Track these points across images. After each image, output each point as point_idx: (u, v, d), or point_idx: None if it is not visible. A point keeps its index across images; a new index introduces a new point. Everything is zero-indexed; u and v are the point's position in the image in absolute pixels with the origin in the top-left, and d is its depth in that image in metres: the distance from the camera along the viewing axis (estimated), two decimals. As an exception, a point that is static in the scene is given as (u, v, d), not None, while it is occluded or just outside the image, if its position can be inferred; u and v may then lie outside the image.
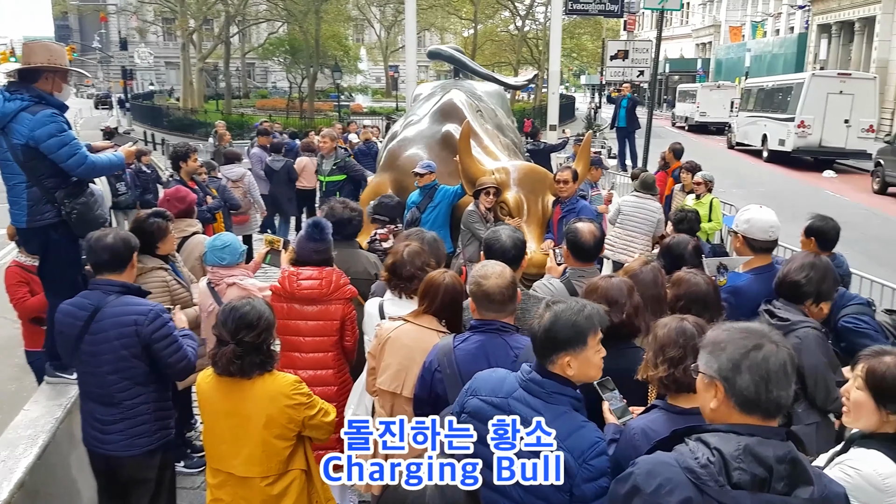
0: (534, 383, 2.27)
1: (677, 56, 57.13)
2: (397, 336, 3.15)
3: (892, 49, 28.47)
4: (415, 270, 3.45)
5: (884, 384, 2.10)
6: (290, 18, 32.86)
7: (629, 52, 13.61)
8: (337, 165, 8.96)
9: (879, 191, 17.17)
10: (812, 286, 3.11)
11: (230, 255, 4.21)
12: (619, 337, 2.69)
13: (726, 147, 27.40)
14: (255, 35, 47.47)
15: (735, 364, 1.73)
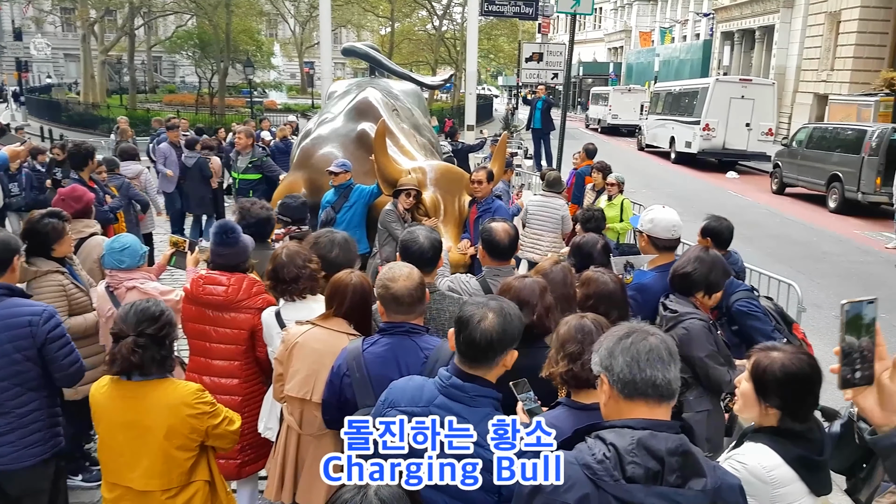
0: (455, 388, 2.23)
1: (590, 59, 58.75)
2: (305, 341, 3.05)
3: (790, 56, 30.22)
4: (297, 270, 3.35)
5: (764, 377, 2.18)
6: (198, 11, 31.70)
7: (543, 54, 13.84)
8: (252, 164, 8.73)
9: (778, 191, 18.15)
10: (700, 278, 3.31)
11: (129, 258, 4.02)
12: (531, 337, 2.71)
13: (637, 149, 28.36)
14: (163, 27, 45.66)
15: (610, 352, 1.83)
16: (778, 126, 24.59)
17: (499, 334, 2.22)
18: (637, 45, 48.84)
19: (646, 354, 1.79)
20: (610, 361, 1.83)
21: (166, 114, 28.60)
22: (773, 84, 23.47)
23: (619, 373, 1.80)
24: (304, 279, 3.35)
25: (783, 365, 2.17)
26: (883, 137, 14.51)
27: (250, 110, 30.05)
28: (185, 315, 3.76)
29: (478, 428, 2.12)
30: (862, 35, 25.00)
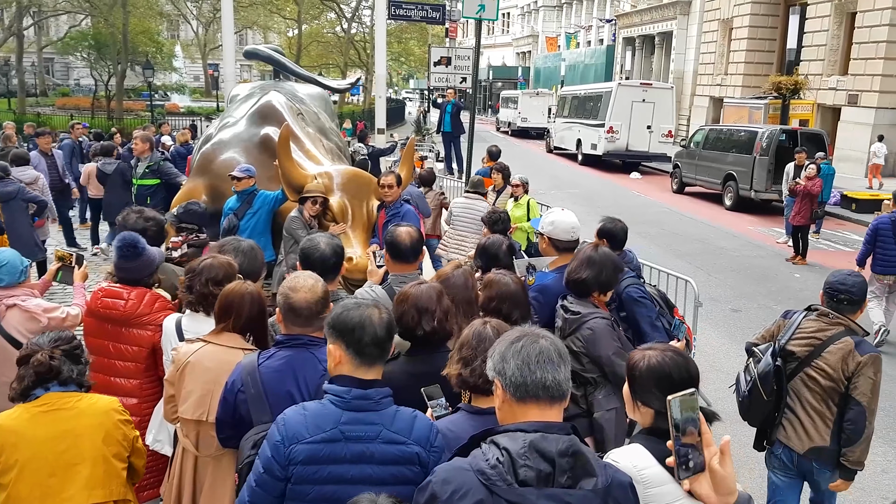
0: (359, 399, 2.19)
1: (500, 63, 59.75)
2: (198, 360, 2.91)
3: (687, 61, 31.72)
4: (211, 286, 3.19)
5: (634, 375, 2.17)
6: (93, 11, 30.19)
7: (452, 59, 13.94)
8: (150, 168, 8.38)
9: (678, 190, 18.95)
10: (593, 279, 3.40)
11: (8, 275, 3.76)
12: (432, 343, 2.71)
13: (545, 151, 29.03)
14: (54, 28, 43.29)
15: (502, 356, 1.88)
16: (677, 128, 25.73)
17: (390, 329, 2.28)
18: (544, 50, 50.00)
19: (536, 357, 1.83)
20: (502, 365, 1.86)
21: (59, 119, 27.18)
22: (672, 88, 24.56)
23: (511, 376, 1.84)
24: (214, 297, 3.17)
25: (649, 363, 2.15)
26: (772, 138, 15.44)
27: (150, 114, 28.92)
28: (87, 329, 3.65)
29: (393, 427, 2.18)
30: (752, 41, 26.58)
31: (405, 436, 2.19)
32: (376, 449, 2.16)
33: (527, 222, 7.63)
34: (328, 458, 2.15)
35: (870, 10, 19.78)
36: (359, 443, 2.16)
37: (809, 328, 3.65)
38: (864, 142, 20.03)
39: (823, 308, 3.70)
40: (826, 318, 3.63)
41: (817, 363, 3.54)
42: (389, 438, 2.18)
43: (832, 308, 3.65)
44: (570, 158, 26.01)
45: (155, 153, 8.56)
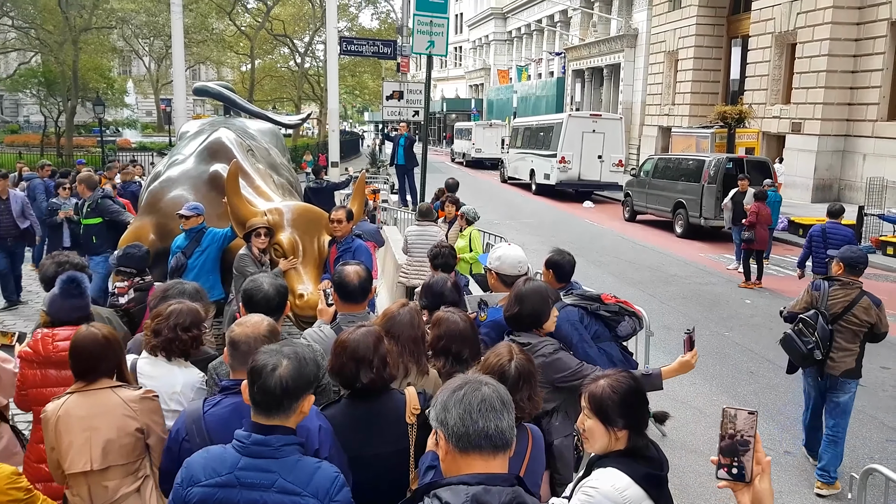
0: (258, 445, 2.15)
1: (453, 96, 60.53)
2: (66, 412, 2.85)
3: (635, 92, 32.62)
4: (174, 335, 3.19)
5: (603, 404, 2.25)
6: (43, 49, 29.70)
7: (404, 93, 14.08)
8: (90, 207, 8.27)
9: (630, 218, 19.33)
10: (527, 314, 3.45)
11: None
12: (374, 391, 2.68)
13: (500, 181, 29.36)
14: (3, 65, 42.37)
15: (444, 405, 1.84)
16: (627, 157, 26.33)
17: (294, 380, 2.16)
18: (496, 83, 50.87)
19: (478, 405, 1.80)
20: (444, 415, 1.83)
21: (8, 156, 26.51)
22: (621, 118, 25.16)
23: (453, 426, 1.80)
24: (179, 343, 3.19)
25: (613, 387, 2.26)
26: (719, 166, 15.87)
27: (101, 150, 28.38)
28: (27, 382, 3.47)
29: (291, 476, 2.12)
30: (697, 72, 27.52)
31: (302, 487, 2.12)
32: (269, 498, 2.11)
33: (468, 253, 7.72)
34: (220, 502, 2.12)
35: (809, 41, 20.62)
36: (253, 490, 2.12)
37: (838, 294, 5.26)
38: (808, 168, 20.75)
39: (842, 278, 5.27)
40: (848, 285, 5.26)
41: (849, 317, 5.19)
42: (284, 488, 2.11)
43: (852, 274, 5.28)
44: (524, 188, 26.35)
45: (96, 192, 8.43)
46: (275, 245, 5.90)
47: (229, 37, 38.25)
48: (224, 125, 7.82)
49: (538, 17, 44.51)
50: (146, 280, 4.91)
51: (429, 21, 11.73)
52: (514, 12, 48.38)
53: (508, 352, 2.72)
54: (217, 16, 34.92)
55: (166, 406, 3.12)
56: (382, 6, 38.77)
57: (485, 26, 55.64)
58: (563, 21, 41.43)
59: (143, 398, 2.95)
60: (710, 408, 6.80)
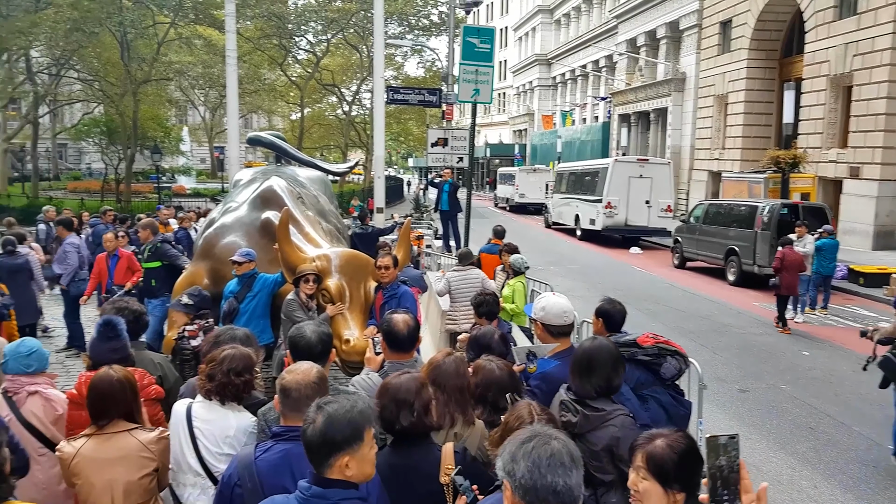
0: (316, 498, 2.16)
1: (497, 141, 61.07)
2: (83, 456, 3.02)
3: (684, 136, 32.27)
4: (228, 379, 3.24)
5: (664, 466, 2.16)
6: (105, 100, 31.23)
7: (448, 139, 14.27)
8: (150, 251, 8.56)
9: (679, 265, 18.94)
10: (604, 389, 3.20)
11: (37, 362, 3.76)
12: (412, 436, 2.67)
13: (544, 226, 29.28)
14: (69, 114, 44.55)
15: (513, 456, 1.82)
16: (676, 202, 25.97)
17: (319, 438, 2.16)
18: (540, 128, 51.17)
19: (547, 460, 1.78)
20: (512, 466, 1.81)
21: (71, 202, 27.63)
22: (669, 163, 24.94)
23: (521, 479, 1.78)
24: (232, 387, 3.24)
25: (672, 447, 2.18)
26: (773, 212, 15.47)
27: (158, 196, 29.42)
28: (73, 422, 3.58)
29: None
30: (748, 116, 27.13)
31: None
32: None
33: (511, 304, 7.69)
34: None
35: (866, 84, 20.17)
36: None
37: None
38: (868, 214, 20.08)
39: None
40: None
41: None
42: None
43: None
44: (568, 234, 26.21)
45: (156, 237, 8.70)
46: (322, 291, 5.98)
47: (280, 87, 39.53)
48: (275, 173, 8.02)
49: (583, 63, 44.89)
50: (210, 322, 5.04)
51: (474, 70, 11.93)
52: (559, 59, 48.93)
53: (528, 412, 2.67)
54: (269, 67, 36.18)
55: (219, 449, 3.18)
56: (428, 55, 39.62)
57: (529, 72, 56.34)
58: (608, 66, 41.64)
59: (159, 439, 3.10)
60: (767, 465, 6.53)
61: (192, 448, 3.22)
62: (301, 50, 37.05)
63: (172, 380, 4.15)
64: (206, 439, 3.23)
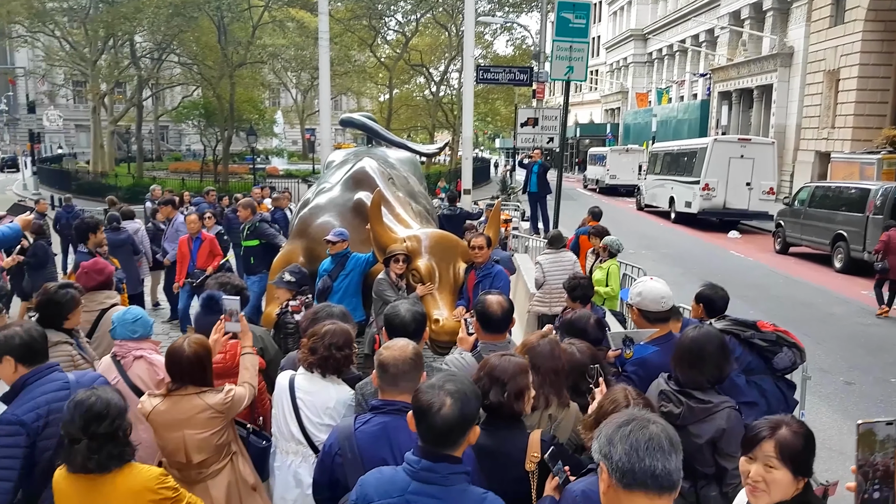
0: (426, 471, 2.20)
1: (587, 121, 59.79)
2: (157, 413, 3.24)
3: (789, 115, 30.54)
4: (329, 353, 3.37)
5: (798, 455, 2.18)
6: (203, 83, 32.59)
7: (539, 119, 14.02)
8: (249, 230, 8.90)
9: (781, 251, 18.06)
10: (716, 379, 3.11)
11: (142, 328, 4.01)
12: (501, 417, 2.68)
13: (636, 209, 28.53)
14: (170, 98, 46.78)
15: (609, 439, 1.81)
16: (780, 185, 24.72)
17: (458, 419, 2.21)
18: (634, 106, 49.66)
19: (645, 443, 1.76)
20: (608, 449, 1.80)
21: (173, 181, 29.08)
22: (773, 143, 23.68)
23: (618, 461, 1.77)
24: (333, 361, 3.37)
25: (798, 434, 2.20)
26: (887, 196, 14.40)
27: (253, 177, 30.49)
28: None
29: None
30: (862, 92, 25.25)
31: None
32: None
33: (605, 287, 7.50)
34: None
35: None
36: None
37: None
38: None
39: None
40: None
41: None
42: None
43: None
44: (662, 217, 25.43)
45: (254, 216, 9.01)
46: (412, 271, 6.03)
47: (370, 68, 40.02)
48: (367, 155, 8.13)
49: (681, 38, 43.09)
50: (310, 298, 5.22)
51: (568, 46, 11.62)
52: (656, 33, 47.19)
53: (624, 397, 2.62)
54: (359, 48, 36.71)
55: (320, 420, 3.33)
56: (518, 32, 39.09)
57: (623, 48, 54.63)
58: (708, 41, 39.86)
59: (225, 399, 3.29)
60: (879, 462, 6.13)
61: (295, 418, 3.38)
62: (390, 30, 37.38)
63: (273, 352, 4.30)
64: (308, 410, 3.37)
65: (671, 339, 3.71)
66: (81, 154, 50.62)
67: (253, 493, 3.40)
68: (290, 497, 3.44)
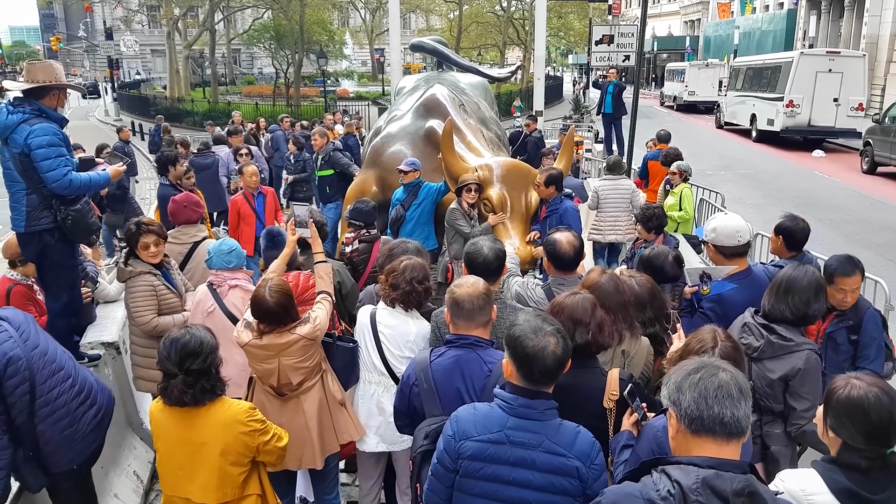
0: (525, 408, 2.31)
1: (665, 34, 56.86)
2: (251, 347, 3.41)
3: (883, 24, 28.28)
4: (411, 287, 3.48)
5: (832, 398, 2.13)
6: (274, 5, 32.56)
7: (614, 36, 13.49)
8: (324, 160, 8.99)
9: (868, 171, 17.16)
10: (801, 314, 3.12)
11: (237, 259, 4.26)
12: (583, 356, 2.73)
13: (715, 127, 27.39)
14: (241, 21, 46.98)
15: (678, 386, 1.86)
16: (870, 100, 23.20)
17: (565, 356, 2.32)
18: (715, 17, 46.84)
19: (714, 391, 1.80)
20: (678, 396, 1.85)
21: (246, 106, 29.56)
22: (864, 56, 22.05)
23: (687, 408, 1.82)
24: (415, 295, 3.49)
25: (850, 394, 2.09)
26: None
27: (324, 99, 30.67)
28: None
29: (556, 439, 2.27)
30: (964, -1, 23.18)
31: (566, 449, 2.27)
32: (538, 457, 2.26)
33: (678, 211, 7.37)
34: (492, 457, 2.30)
35: None
36: (522, 448, 2.27)
37: None
38: None
39: None
40: None
41: None
42: (551, 449, 2.26)
43: None
44: (742, 135, 24.36)
45: (328, 145, 9.13)
46: (484, 200, 6.09)
47: (439, -17, 38.99)
48: (437, 81, 8.07)
49: (768, -59, 40.07)
50: (371, 233, 5.32)
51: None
52: (740, -63, 43.92)
53: (712, 338, 2.61)
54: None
55: (401, 353, 3.51)
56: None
57: (705, -45, 51.24)
58: (798, -56, 36.92)
59: (314, 328, 3.41)
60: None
61: (378, 351, 3.56)
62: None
63: (349, 285, 4.50)
64: (390, 343, 3.55)
65: (750, 276, 3.69)
66: (158, 79, 51.90)
67: (341, 408, 3.62)
68: (373, 424, 3.67)
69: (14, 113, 4.05)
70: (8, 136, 4.04)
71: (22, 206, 4.13)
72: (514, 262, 4.26)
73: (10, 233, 4.46)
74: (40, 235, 4.20)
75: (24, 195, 4.11)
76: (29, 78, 4.15)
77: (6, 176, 4.20)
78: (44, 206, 4.13)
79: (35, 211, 4.13)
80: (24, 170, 4.05)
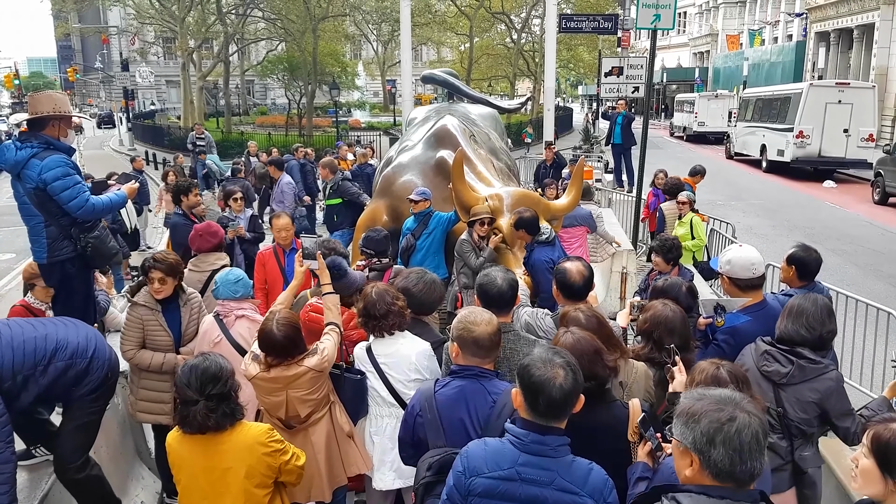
0: (536, 444, 2.26)
1: (675, 65, 57.30)
2: (259, 379, 3.43)
3: (892, 56, 28.40)
4: (386, 307, 3.50)
5: (888, 452, 2.05)
6: (287, 37, 33.12)
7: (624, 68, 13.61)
8: (332, 189, 9.05)
9: (880, 201, 17.12)
10: (816, 335, 3.15)
11: (243, 288, 4.27)
12: (600, 391, 2.71)
13: (725, 157, 27.43)
14: (255, 53, 47.76)
15: (709, 438, 1.78)
16: (880, 131, 23.19)
17: (574, 389, 2.26)
18: (724, 49, 47.24)
19: (748, 444, 1.76)
20: (708, 448, 1.79)
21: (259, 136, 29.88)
22: (874, 87, 22.18)
23: (719, 463, 1.77)
24: (393, 315, 3.50)
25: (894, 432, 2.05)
26: None
27: (336, 130, 30.96)
28: None
29: (567, 476, 2.21)
30: (973, 30, 23.26)
31: (579, 486, 2.22)
32: (549, 494, 2.21)
33: (690, 241, 7.36)
34: (503, 495, 2.25)
35: None
36: (533, 485, 2.23)
37: None
38: None
39: None
40: None
41: None
42: (563, 486, 2.21)
43: None
44: (752, 165, 24.38)
45: (336, 175, 9.18)
46: (494, 229, 6.08)
47: (450, 17, 39.48)
48: (448, 112, 8.14)
49: (776, -25, 40.48)
50: (383, 262, 5.34)
51: (655, -8, 11.13)
52: (748, -29, 44.46)
53: (715, 372, 2.61)
54: (439, -2, 36.24)
55: (406, 377, 3.51)
56: (602, -24, 37.47)
57: (712, -11, 51.78)
58: (805, -23, 37.29)
59: (322, 360, 3.43)
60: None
61: (382, 382, 3.54)
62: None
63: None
64: (393, 370, 3.53)
65: (764, 308, 3.67)
66: (172, 109, 52.60)
67: (349, 441, 3.60)
68: (388, 459, 3.59)
69: (22, 149, 4.10)
70: (20, 172, 4.09)
71: (42, 238, 4.18)
72: (523, 293, 4.26)
73: (24, 261, 4.52)
74: (62, 265, 4.26)
75: (42, 227, 4.17)
76: (31, 109, 4.21)
77: (22, 210, 4.26)
78: (63, 237, 4.19)
79: (56, 242, 4.20)
80: (41, 203, 4.10)
